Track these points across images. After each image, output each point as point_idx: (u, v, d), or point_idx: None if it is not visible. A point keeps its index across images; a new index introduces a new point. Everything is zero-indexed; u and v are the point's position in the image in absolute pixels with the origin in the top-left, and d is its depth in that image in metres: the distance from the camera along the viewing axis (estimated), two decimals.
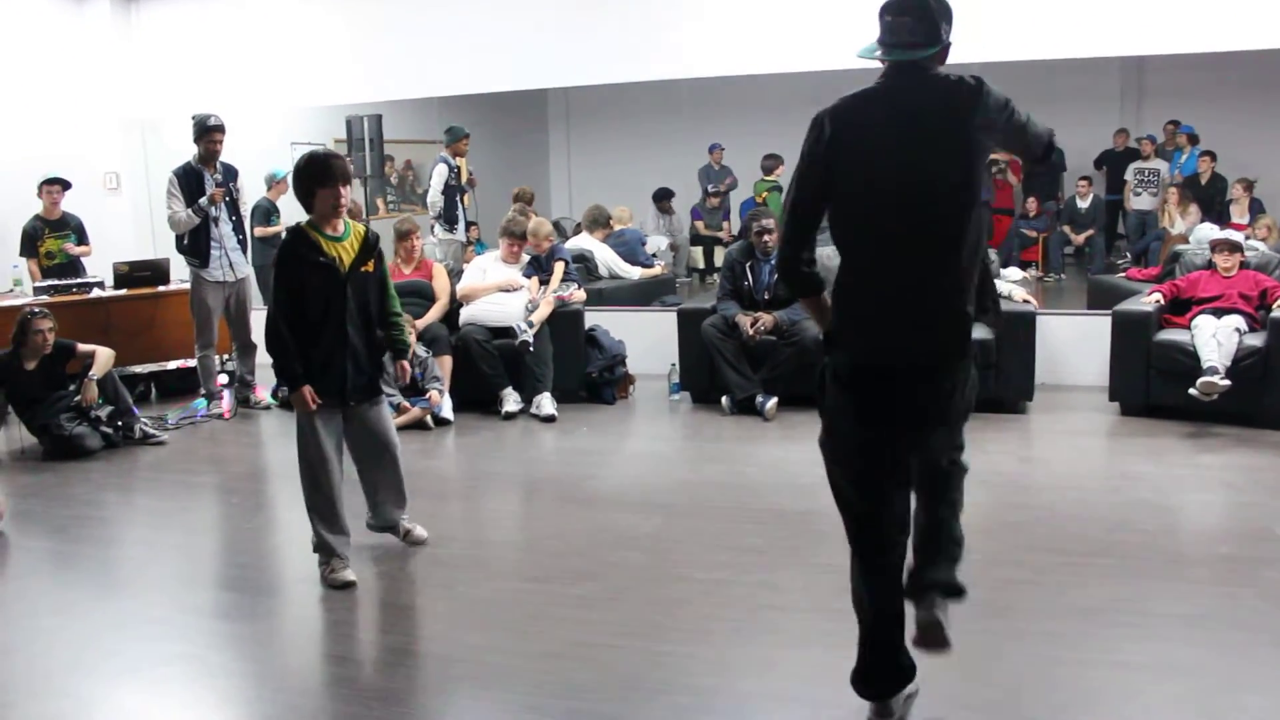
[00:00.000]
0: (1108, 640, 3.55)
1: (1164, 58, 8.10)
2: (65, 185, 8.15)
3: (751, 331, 6.85)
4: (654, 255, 10.39)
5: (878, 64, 2.86)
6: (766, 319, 6.87)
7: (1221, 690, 3.20)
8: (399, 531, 4.64)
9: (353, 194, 5.79)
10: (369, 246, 4.27)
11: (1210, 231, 7.45)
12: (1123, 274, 9.00)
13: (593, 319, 7.70)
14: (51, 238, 8.17)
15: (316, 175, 4.13)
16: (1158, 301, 6.60)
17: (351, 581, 4.19)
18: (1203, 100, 10.47)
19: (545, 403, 7.00)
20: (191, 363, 7.72)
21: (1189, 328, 6.33)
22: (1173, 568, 4.20)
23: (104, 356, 6.58)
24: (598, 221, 9.45)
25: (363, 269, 4.24)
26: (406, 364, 4.65)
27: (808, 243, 2.92)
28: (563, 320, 7.31)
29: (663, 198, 12.12)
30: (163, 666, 3.60)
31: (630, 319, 8.16)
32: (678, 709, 3.18)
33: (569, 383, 7.33)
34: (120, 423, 6.60)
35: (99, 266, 8.25)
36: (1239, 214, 9.50)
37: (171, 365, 8.11)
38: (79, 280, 7.96)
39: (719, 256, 11.21)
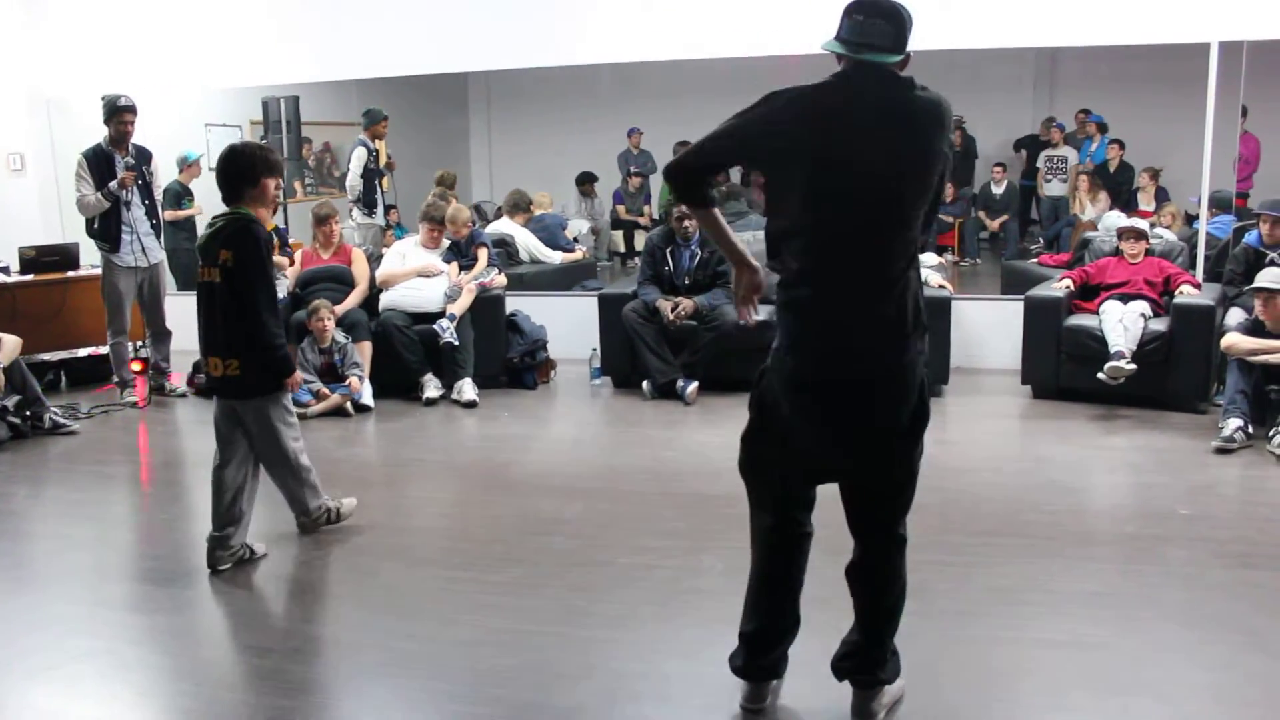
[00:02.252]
0: (1017, 618, 3.66)
1: (1076, 49, 8.30)
2: None
3: (672, 316, 6.89)
4: (575, 239, 10.40)
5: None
6: (687, 304, 6.92)
7: (1126, 665, 3.31)
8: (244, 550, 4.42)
9: None
10: None
11: (1118, 219, 7.66)
12: (1035, 259, 9.22)
13: (514, 304, 7.68)
14: None
15: (272, 165, 4.18)
16: (1068, 288, 6.77)
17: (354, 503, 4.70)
18: (1112, 91, 10.75)
19: (466, 388, 6.98)
20: (103, 350, 7.55)
21: (1097, 313, 6.51)
22: (1080, 547, 4.33)
23: (10, 344, 6.39)
24: (518, 206, 9.41)
25: None
26: None
27: (708, 179, 2.85)
28: (483, 305, 7.28)
29: (585, 181, 12.11)
30: (77, 663, 3.53)
31: (551, 304, 8.16)
32: (602, 693, 3.21)
33: (490, 368, 7.31)
34: (29, 412, 6.43)
35: (3, 250, 8.01)
36: (1145, 201, 9.77)
37: (83, 353, 7.93)
38: None
39: (640, 240, 11.25)
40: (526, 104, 12.89)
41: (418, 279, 7.30)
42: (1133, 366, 6.13)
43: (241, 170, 4.14)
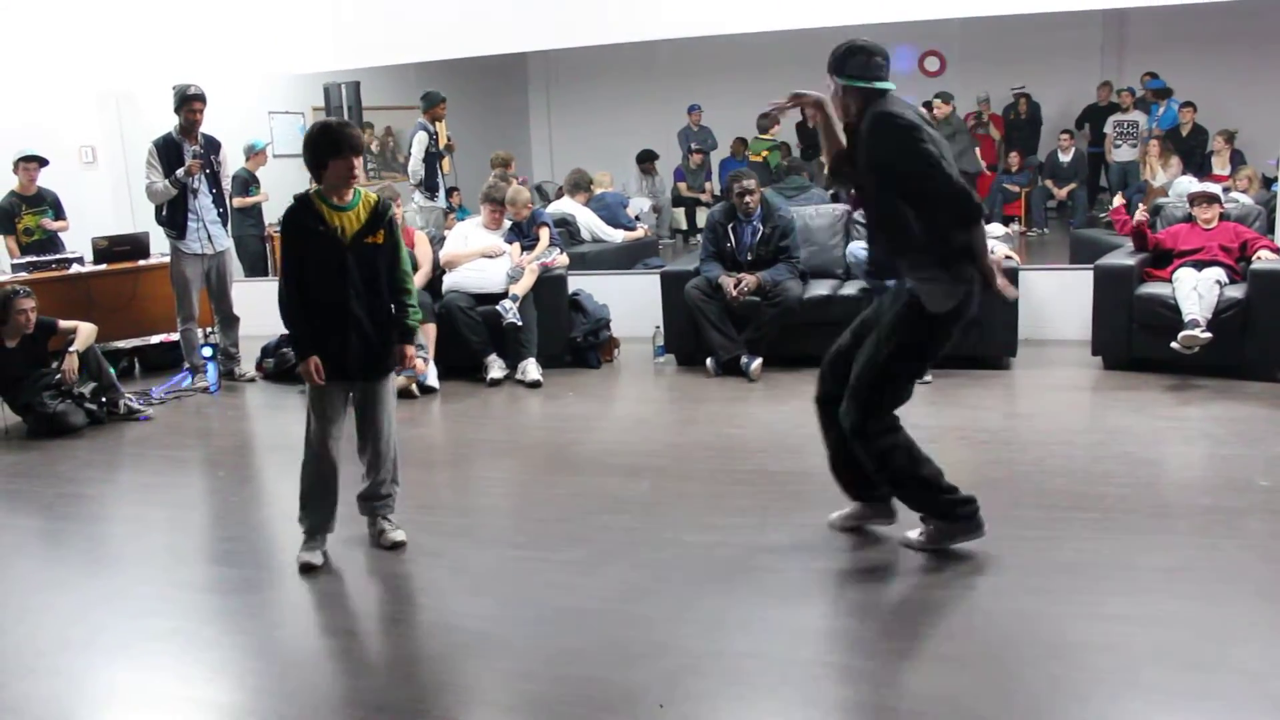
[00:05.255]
0: (1092, 593, 3.58)
1: (1145, 10, 8.07)
2: (42, 162, 8.09)
3: (735, 293, 6.84)
4: (636, 218, 10.38)
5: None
6: (750, 280, 6.87)
7: (1205, 641, 3.23)
8: (375, 527, 4.36)
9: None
10: (377, 216, 4.09)
11: (1189, 184, 7.46)
12: (1105, 216, 9.02)
13: (576, 283, 7.69)
14: (29, 214, 8.11)
15: (331, 145, 3.97)
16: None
17: (314, 565, 4.09)
18: (1184, 52, 10.47)
19: (530, 368, 7.00)
20: (174, 337, 7.69)
21: (1170, 281, 6.35)
22: (1156, 520, 4.24)
23: (86, 331, 6.55)
24: (579, 185, 9.42)
25: (369, 239, 4.06)
26: (409, 349, 4.29)
27: None
28: (546, 285, 7.29)
29: (646, 159, 12.09)
30: (154, 642, 3.61)
31: (614, 282, 8.15)
32: (669, 672, 3.20)
33: (554, 348, 7.32)
34: (104, 399, 6.57)
35: (77, 242, 8.19)
36: (1220, 165, 9.52)
37: (154, 340, 8.09)
38: (58, 256, 7.90)
39: (701, 217, 11.20)
40: (586, 83, 12.89)
41: (480, 260, 7.33)
42: (1208, 335, 5.97)
43: (311, 151, 4.03)
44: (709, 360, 7.02)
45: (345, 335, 4.07)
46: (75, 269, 7.83)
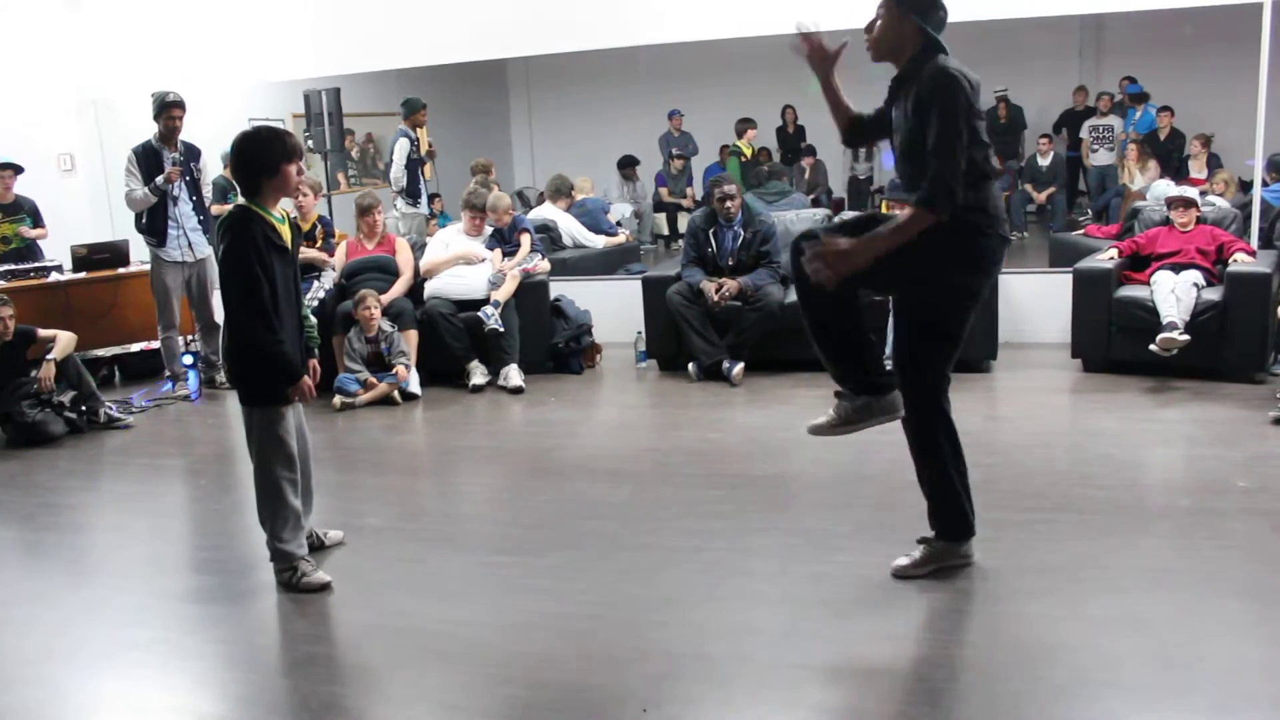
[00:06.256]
0: (1073, 595, 3.61)
1: (1122, 15, 8.14)
2: (17, 170, 8.03)
3: (716, 297, 6.86)
4: (618, 223, 10.39)
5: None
6: (731, 285, 6.89)
7: (1184, 641, 3.26)
8: (313, 538, 4.31)
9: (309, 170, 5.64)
10: (298, 229, 4.05)
11: (1166, 188, 7.52)
12: (1081, 231, 9.08)
13: (558, 289, 7.69)
14: (6, 222, 8.05)
15: (285, 149, 3.82)
16: (1112, 258, 6.66)
17: (328, 581, 4.00)
18: (1161, 56, 10.56)
19: (513, 374, 7.00)
20: (155, 345, 7.66)
21: (1148, 284, 6.40)
22: (1135, 522, 4.27)
23: (65, 339, 6.52)
24: (560, 191, 9.42)
25: (296, 253, 4.03)
26: (315, 363, 4.22)
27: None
28: (528, 291, 7.29)
29: (627, 165, 12.10)
30: (136, 651, 3.59)
31: (595, 288, 8.15)
32: (651, 677, 3.20)
33: (536, 354, 7.32)
34: (84, 407, 6.53)
35: (55, 250, 8.14)
36: (1197, 169, 9.60)
37: (135, 348, 8.04)
38: (36, 264, 7.86)
39: (683, 223, 11.23)
40: (567, 88, 12.90)
41: (461, 266, 7.32)
42: (1186, 337, 6.02)
43: (260, 156, 3.84)
44: (691, 365, 7.03)
45: (303, 353, 4.03)
46: (54, 277, 7.79)
